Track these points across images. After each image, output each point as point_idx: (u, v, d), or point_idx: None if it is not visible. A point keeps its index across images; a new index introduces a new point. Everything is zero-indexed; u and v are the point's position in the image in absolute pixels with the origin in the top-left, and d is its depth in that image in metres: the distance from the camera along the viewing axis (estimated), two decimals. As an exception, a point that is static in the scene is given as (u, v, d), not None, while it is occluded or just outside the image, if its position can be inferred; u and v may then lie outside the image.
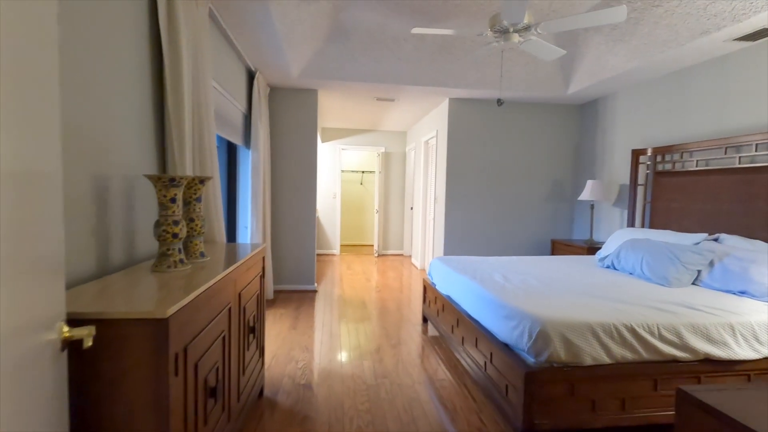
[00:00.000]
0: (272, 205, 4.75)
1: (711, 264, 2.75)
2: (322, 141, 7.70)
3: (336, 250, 7.82)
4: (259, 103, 4.06)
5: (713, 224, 3.21)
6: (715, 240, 3.07)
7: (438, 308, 3.35)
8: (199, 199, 1.72)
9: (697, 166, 3.45)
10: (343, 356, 3.02)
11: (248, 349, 1.99)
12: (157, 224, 1.49)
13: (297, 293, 4.79)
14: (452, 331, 2.97)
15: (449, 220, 5.09)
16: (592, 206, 4.52)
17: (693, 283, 2.78)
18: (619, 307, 2.18)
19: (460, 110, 5.04)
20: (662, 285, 2.76)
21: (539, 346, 1.92)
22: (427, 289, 3.71)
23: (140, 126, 1.76)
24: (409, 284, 5.44)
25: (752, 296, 2.42)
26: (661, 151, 3.76)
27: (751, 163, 3.04)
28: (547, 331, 1.91)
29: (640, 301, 2.31)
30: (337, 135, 7.75)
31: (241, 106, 3.87)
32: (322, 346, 3.21)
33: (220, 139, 3.72)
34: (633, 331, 1.96)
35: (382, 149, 7.84)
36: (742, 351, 2.03)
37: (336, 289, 5.10)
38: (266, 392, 2.46)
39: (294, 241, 4.84)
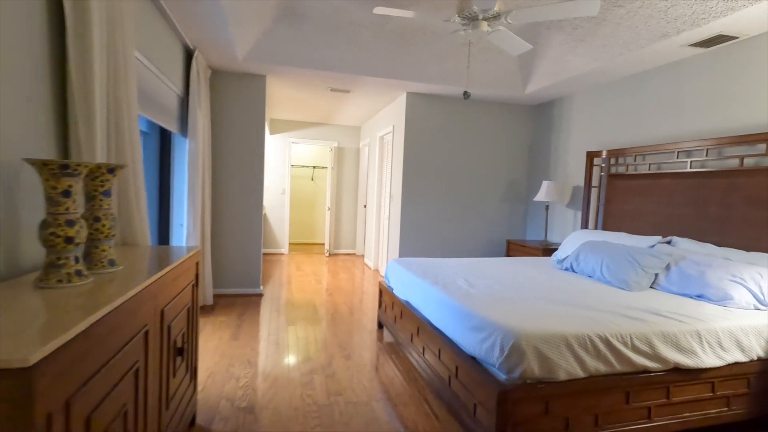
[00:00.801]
0: (213, 201, 4.30)
1: (668, 267, 2.75)
2: (271, 133, 7.24)
3: (284, 249, 7.40)
4: (198, 86, 3.62)
5: (666, 227, 3.26)
6: (668, 243, 3.10)
7: (395, 314, 3.13)
8: (107, 193, 1.35)
9: (650, 170, 3.50)
10: (291, 371, 2.71)
11: (174, 376, 1.65)
12: (44, 225, 1.12)
13: (241, 297, 4.38)
14: (411, 340, 2.76)
15: (405, 219, 4.90)
16: (547, 207, 4.52)
17: (651, 287, 2.77)
18: (589, 314, 2.07)
19: (418, 105, 4.86)
20: (623, 289, 2.72)
21: (512, 362, 1.74)
22: (384, 293, 3.48)
23: (31, 97, 1.35)
24: (362, 286, 5.19)
25: (709, 300, 2.42)
26: (615, 153, 3.79)
27: (702, 167, 3.10)
28: (521, 344, 1.74)
29: (607, 307, 2.23)
30: (288, 127, 7.32)
31: (177, 87, 3.41)
32: (268, 359, 2.88)
33: (150, 124, 3.25)
34: (607, 343, 1.85)
35: (335, 144, 7.51)
36: (708, 359, 1.98)
37: (284, 292, 4.74)
38: (199, 420, 2.10)
39: (238, 240, 4.42)
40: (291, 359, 2.89)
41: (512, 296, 2.40)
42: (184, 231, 3.64)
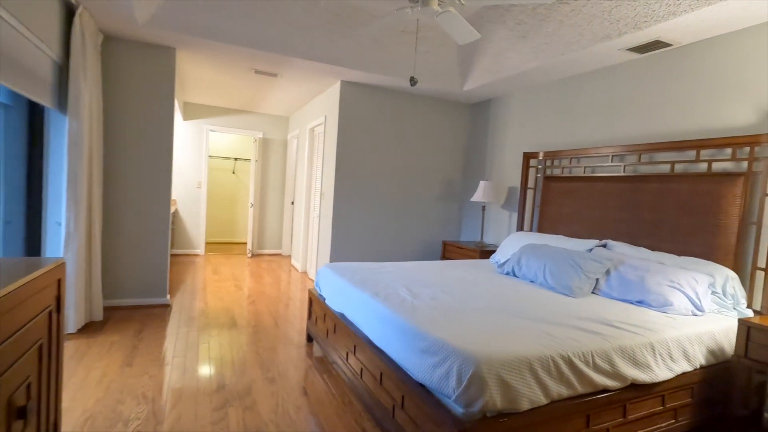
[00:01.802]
0: (105, 194, 3.56)
1: (608, 272, 2.71)
2: (185, 118, 6.41)
3: (200, 250, 6.62)
4: (82, 52, 2.92)
5: (601, 230, 3.27)
6: (604, 246, 3.10)
7: (328, 328, 2.76)
8: None
9: (584, 173, 3.51)
10: (200, 405, 2.22)
11: (10, 452, 1.13)
12: None
13: (141, 310, 3.69)
14: (347, 359, 2.41)
15: (337, 217, 4.53)
16: (484, 208, 4.43)
17: (592, 292, 2.72)
18: (546, 329, 1.88)
19: (353, 95, 4.50)
20: (566, 295, 2.62)
21: (472, 394, 1.47)
22: (314, 302, 3.09)
23: None
24: (289, 292, 4.72)
25: (650, 306, 2.39)
26: (551, 155, 3.78)
27: (634, 172, 3.14)
28: (482, 373, 1.48)
29: (560, 318, 2.07)
30: (205, 113, 6.54)
31: (52, 51, 2.70)
32: (170, 390, 2.35)
33: (12, 94, 2.52)
34: (570, 364, 1.66)
35: (260, 134, 6.88)
36: (661, 372, 1.90)
37: (197, 301, 4.12)
38: (64, 490, 1.57)
39: (138, 240, 3.72)
40: (201, 388, 2.39)
41: (460, 308, 2.16)
42: (63, 231, 2.92)
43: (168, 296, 3.91)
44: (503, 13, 3.44)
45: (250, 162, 7.22)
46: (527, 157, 4.04)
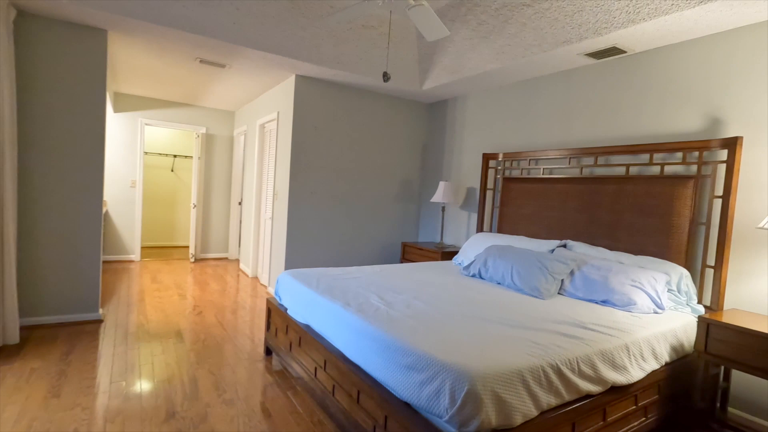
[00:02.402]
0: (20, 194, 3.07)
1: (571, 273, 2.76)
2: (116, 110, 5.79)
3: (135, 255, 6.02)
4: (-10, 26, 2.46)
5: (560, 231, 3.34)
6: (564, 246, 3.17)
7: (291, 341, 2.56)
8: None
9: (543, 174, 3.58)
10: (147, 438, 1.94)
11: None
12: None
13: (67, 328, 3.23)
14: (316, 375, 2.23)
15: (292, 219, 4.28)
16: (443, 208, 4.41)
17: (558, 293, 2.75)
18: (528, 336, 1.84)
19: (309, 91, 4.27)
20: (535, 296, 2.63)
21: (467, 413, 1.37)
22: (274, 312, 2.86)
23: None
24: (240, 299, 4.40)
25: (614, 305, 2.45)
26: (510, 156, 3.82)
27: (591, 174, 3.24)
28: (477, 390, 1.38)
29: (537, 322, 2.05)
30: (140, 105, 5.95)
31: (-51, 23, 2.24)
32: (110, 425, 2.03)
33: None
34: (559, 372, 1.62)
35: (203, 130, 6.40)
36: (635, 373, 1.93)
37: (135, 314, 3.69)
38: None
39: (63, 246, 3.25)
40: (147, 418, 2.09)
41: (437, 316, 2.06)
42: (-34, 241, 2.45)
43: (100, 310, 3.47)
44: (466, 12, 3.40)
45: (193, 159, 6.69)
46: (486, 158, 4.06)
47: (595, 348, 1.79)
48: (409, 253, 4.51)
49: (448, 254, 4.13)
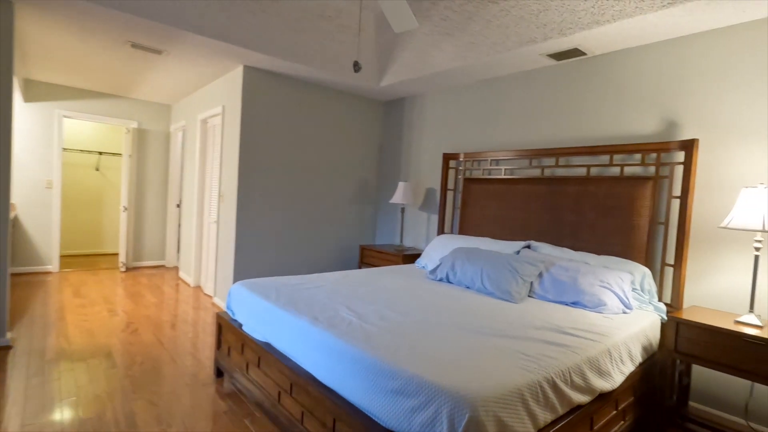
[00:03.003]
0: None
1: (540, 275, 2.72)
2: (27, 100, 5.04)
3: (52, 266, 5.28)
4: None
5: (524, 232, 3.32)
6: (528, 247, 3.16)
7: (248, 361, 2.27)
8: None
9: (504, 175, 3.55)
10: (72, 496, 1.58)
11: None
12: None
13: (-36, 358, 2.68)
14: (279, 400, 1.98)
15: (242, 223, 3.93)
16: (403, 210, 4.27)
17: (528, 295, 2.70)
18: (515, 347, 1.73)
19: (258, 84, 3.94)
20: (507, 300, 2.56)
21: (468, 444, 1.22)
22: (226, 329, 2.54)
23: None
24: (183, 312, 3.96)
25: (584, 307, 2.44)
26: (471, 157, 3.76)
27: (552, 174, 3.25)
28: (479, 417, 1.23)
29: (518, 330, 1.95)
30: (57, 94, 5.22)
31: None
32: (21, 481, 1.64)
33: None
34: (554, 386, 1.52)
35: (134, 124, 5.77)
36: (617, 377, 1.89)
37: (53, 336, 3.17)
38: None
39: (-43, 263, 2.69)
40: (71, 470, 1.72)
41: (416, 328, 1.90)
42: None
43: (8, 334, 2.92)
44: (429, 7, 3.29)
45: (122, 157, 6.03)
46: (447, 158, 3.98)
47: (583, 356, 1.72)
48: (368, 256, 4.33)
49: (410, 257, 4.00)
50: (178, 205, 6.05)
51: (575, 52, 2.99)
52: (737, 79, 2.40)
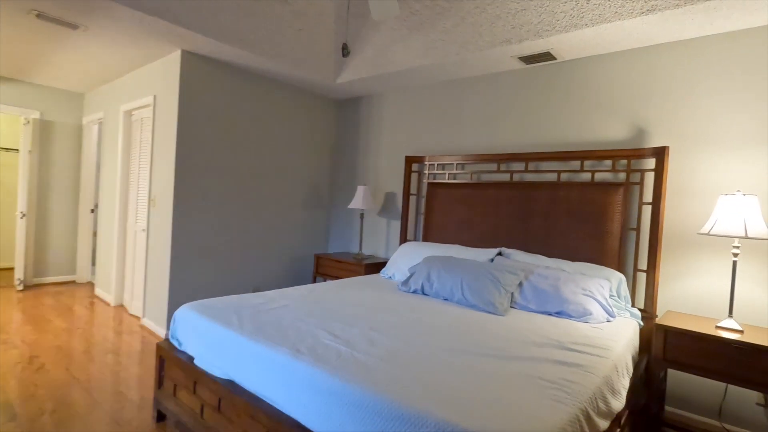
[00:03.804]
0: None
1: (520, 284, 2.62)
2: None
3: None
4: None
5: (494, 238, 3.22)
6: (500, 254, 3.06)
7: (204, 403, 1.86)
8: None
9: (472, 179, 3.44)
10: None
11: None
12: None
13: None
14: (250, 452, 1.62)
15: (179, 230, 3.40)
16: (362, 215, 4.00)
17: (510, 306, 2.58)
18: (530, 372, 1.55)
19: (200, 73, 3.45)
20: (492, 313, 2.40)
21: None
22: (170, 362, 2.09)
23: None
24: (103, 339, 3.32)
25: (570, 317, 2.36)
26: (437, 160, 3.61)
27: (521, 179, 3.19)
28: (535, 472, 1.02)
29: (520, 349, 1.79)
30: (-73, 73, 4.21)
31: None
32: None
33: None
34: (588, 417, 1.35)
35: (36, 114, 4.86)
36: (624, 393, 1.80)
37: None
38: None
39: None
40: None
41: (413, 354, 1.65)
42: None
43: None
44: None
45: (19, 153, 5.07)
46: (410, 161, 3.79)
47: (600, 375, 1.59)
48: (325, 266, 3.99)
49: (373, 267, 3.74)
50: (93, 210, 5.20)
51: (546, 56, 2.95)
52: (704, 90, 2.48)
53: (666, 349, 2.12)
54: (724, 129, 2.40)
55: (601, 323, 2.29)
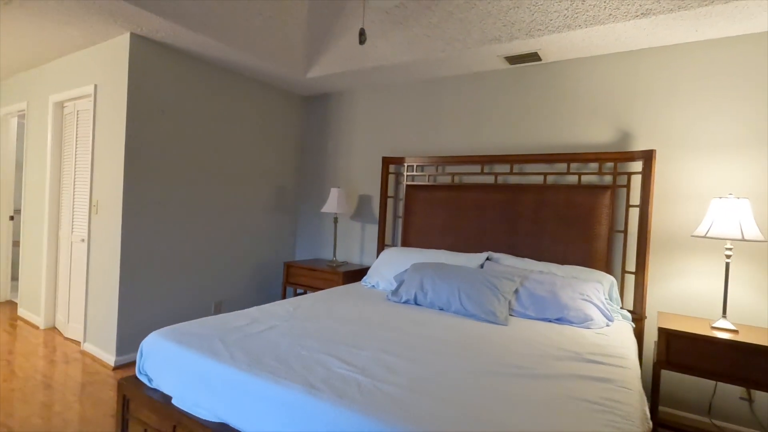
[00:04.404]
0: None
1: (515, 291, 2.54)
2: None
3: None
4: None
5: (479, 243, 3.13)
6: (488, 259, 2.97)
7: (188, 452, 1.55)
8: None
9: (453, 182, 3.33)
10: None
11: None
12: None
13: None
14: None
15: (129, 240, 2.96)
16: (336, 219, 3.75)
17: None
18: (569, 392, 1.44)
19: (153, 61, 3.03)
20: (494, 322, 2.29)
21: None
22: (137, 402, 1.75)
23: None
24: (30, 368, 2.80)
25: (571, 323, 2.31)
26: (417, 161, 3.46)
27: (505, 182, 3.14)
28: None
29: (548, 365, 1.68)
30: None
31: None
32: None
33: None
34: (646, 442, 1.26)
35: (-64, 104, 4.06)
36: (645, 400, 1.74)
37: None
38: None
39: None
40: None
41: (442, 381, 1.48)
42: None
43: None
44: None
45: None
46: (387, 162, 3.61)
47: (636, 390, 1.52)
48: (296, 275, 3.69)
49: (351, 275, 3.51)
50: (12, 218, 4.47)
51: (532, 57, 2.91)
52: (687, 95, 2.54)
53: (669, 353, 2.12)
54: (707, 133, 2.48)
55: (602, 328, 2.26)
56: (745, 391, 2.36)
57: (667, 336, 2.13)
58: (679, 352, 2.10)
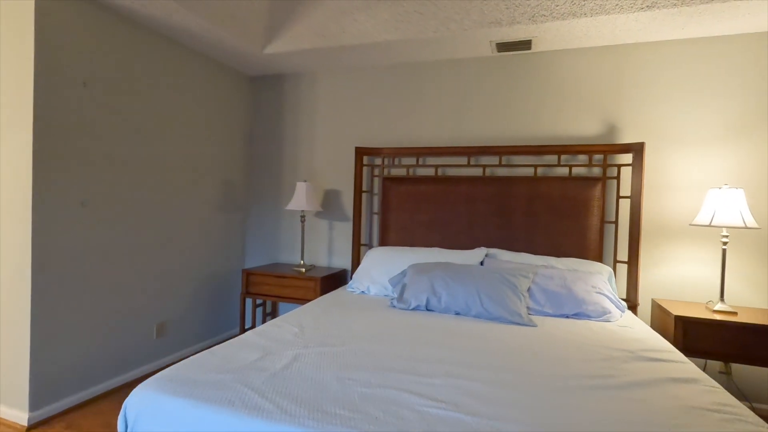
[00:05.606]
0: None
1: (528, 288, 2.43)
2: None
3: None
4: None
5: (470, 238, 2.97)
6: (486, 256, 2.84)
7: None
8: None
9: (437, 174, 3.13)
10: None
11: None
12: None
13: None
14: None
15: (41, 250, 2.20)
16: (303, 218, 3.31)
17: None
18: (682, 401, 1.33)
19: (69, 21, 2.28)
20: (522, 324, 2.15)
21: None
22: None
23: None
24: None
25: (589, 318, 2.26)
26: (397, 153, 3.18)
27: (492, 174, 3.03)
28: None
29: (622, 370, 1.57)
30: None
31: None
32: None
33: None
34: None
35: None
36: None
37: None
38: None
39: None
40: None
41: (549, 404, 1.27)
42: None
43: None
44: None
45: None
46: (360, 153, 3.26)
47: (719, 387, 1.47)
48: (258, 284, 3.17)
49: (330, 280, 3.11)
50: None
51: (524, 45, 2.82)
52: (671, 91, 2.66)
53: (685, 340, 2.18)
54: (690, 126, 2.62)
55: (619, 320, 2.25)
56: (723, 365, 2.55)
57: (683, 323, 2.18)
58: (697, 339, 2.16)
